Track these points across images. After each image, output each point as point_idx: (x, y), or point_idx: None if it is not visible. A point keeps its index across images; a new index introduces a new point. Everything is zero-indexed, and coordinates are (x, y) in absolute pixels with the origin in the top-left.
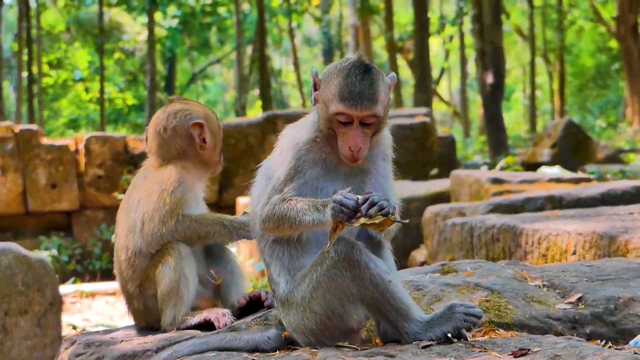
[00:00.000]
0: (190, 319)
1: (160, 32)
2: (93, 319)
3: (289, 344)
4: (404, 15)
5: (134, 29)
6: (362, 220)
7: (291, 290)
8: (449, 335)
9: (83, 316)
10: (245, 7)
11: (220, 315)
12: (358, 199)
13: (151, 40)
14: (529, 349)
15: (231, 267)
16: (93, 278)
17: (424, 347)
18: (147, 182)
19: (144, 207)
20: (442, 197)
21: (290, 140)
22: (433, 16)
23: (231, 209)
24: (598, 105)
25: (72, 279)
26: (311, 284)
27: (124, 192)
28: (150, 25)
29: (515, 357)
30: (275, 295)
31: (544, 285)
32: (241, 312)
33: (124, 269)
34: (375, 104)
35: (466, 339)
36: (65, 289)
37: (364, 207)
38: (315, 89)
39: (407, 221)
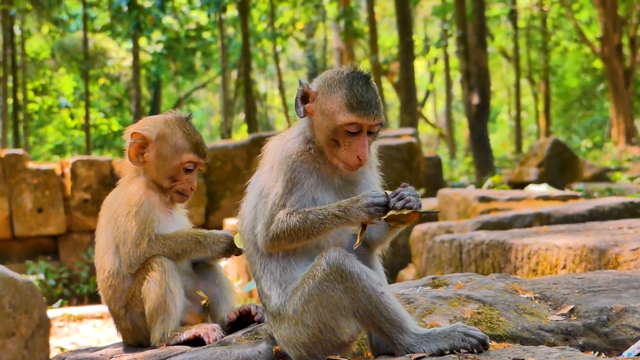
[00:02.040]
0: (180, 335)
1: (145, 57)
2: (81, 342)
3: (279, 358)
4: (388, 38)
5: (118, 54)
6: (391, 212)
7: (283, 304)
8: (446, 352)
9: (71, 339)
10: (230, 31)
11: (210, 330)
12: (387, 194)
13: (136, 65)
14: (523, 359)
15: (220, 282)
16: (80, 302)
17: (417, 359)
18: (116, 201)
19: (113, 229)
20: (429, 216)
21: (281, 153)
22: (417, 38)
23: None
24: (583, 126)
25: (60, 301)
26: (303, 297)
27: None
28: (135, 50)
29: None
30: (267, 309)
31: (535, 298)
32: (232, 327)
33: (104, 289)
34: (381, 111)
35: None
36: (52, 312)
37: (393, 200)
38: (305, 101)
39: (437, 211)
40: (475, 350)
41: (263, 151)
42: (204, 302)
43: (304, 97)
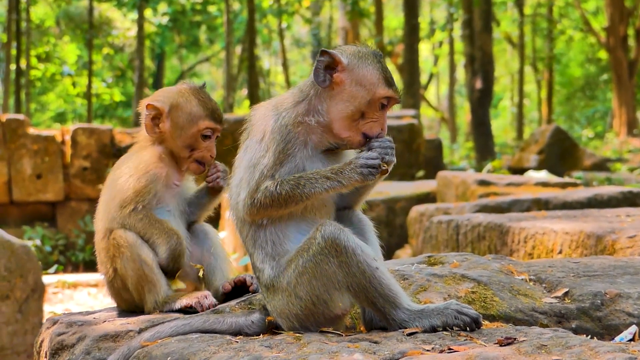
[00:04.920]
0: (172, 303)
1: (150, 28)
2: (75, 309)
3: (272, 328)
4: (394, 19)
5: (123, 24)
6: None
7: (276, 275)
8: (438, 329)
9: (65, 306)
10: (236, 6)
11: (201, 298)
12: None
13: (140, 36)
14: (515, 338)
15: (215, 251)
16: (76, 269)
17: (409, 334)
18: (124, 164)
19: (112, 188)
20: (428, 198)
21: (275, 122)
22: (423, 21)
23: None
24: (585, 116)
25: (55, 266)
26: (297, 269)
27: None
28: (140, 21)
29: (501, 345)
30: (260, 281)
31: (530, 280)
32: (226, 297)
33: (98, 251)
34: None
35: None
36: (47, 278)
37: (385, 157)
38: (331, 69)
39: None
40: (468, 328)
41: (250, 119)
42: (200, 272)
43: (329, 66)
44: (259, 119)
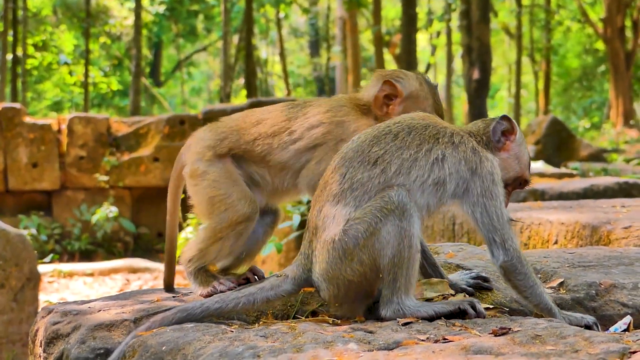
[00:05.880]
0: (196, 287)
1: (147, 17)
2: (70, 298)
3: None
4: (391, 9)
5: (120, 13)
6: None
7: (346, 232)
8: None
9: (60, 295)
10: None
11: (217, 285)
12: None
13: (138, 25)
14: (509, 328)
15: (264, 236)
16: (71, 258)
17: (404, 324)
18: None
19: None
20: None
21: (497, 171)
22: (421, 11)
23: None
24: (582, 106)
25: (51, 255)
26: (369, 230)
27: (105, 173)
28: (138, 10)
29: (495, 335)
30: (323, 236)
31: None
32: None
33: None
34: None
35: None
36: (43, 267)
37: None
38: (506, 135)
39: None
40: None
41: (440, 134)
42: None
43: (505, 132)
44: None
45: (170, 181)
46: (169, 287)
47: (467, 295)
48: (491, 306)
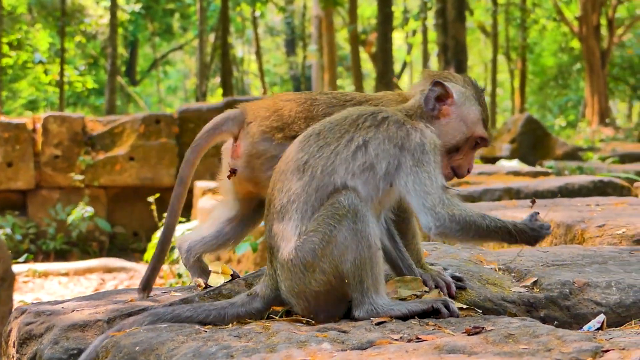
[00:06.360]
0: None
1: (122, 16)
2: (45, 298)
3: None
4: (367, 8)
5: (96, 12)
6: None
7: (300, 248)
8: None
9: (35, 295)
10: None
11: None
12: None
13: (113, 24)
14: (482, 328)
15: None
16: (47, 258)
17: (378, 323)
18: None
19: None
20: None
21: (429, 138)
22: (397, 10)
23: (188, 193)
24: (558, 105)
25: (25, 255)
26: (325, 239)
27: (80, 172)
28: (113, 8)
29: (469, 334)
30: (277, 256)
31: (499, 269)
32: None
33: None
34: None
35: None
36: (17, 267)
37: None
38: (441, 100)
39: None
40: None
41: (362, 120)
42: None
43: (440, 97)
44: (412, 129)
45: (191, 153)
46: (147, 286)
47: (441, 294)
48: (465, 306)
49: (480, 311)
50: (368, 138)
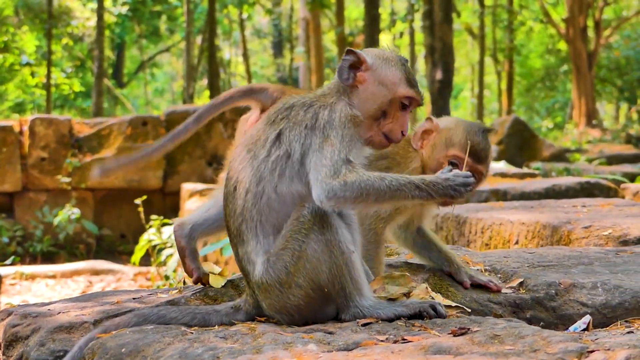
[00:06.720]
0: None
1: (109, 18)
2: (32, 301)
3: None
4: (354, 10)
5: (83, 14)
6: None
7: (272, 268)
8: (401, 318)
9: (22, 298)
10: None
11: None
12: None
13: (100, 26)
14: (468, 328)
15: None
16: (34, 260)
17: (364, 324)
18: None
19: None
20: None
21: (330, 114)
22: (384, 12)
23: (175, 195)
24: (545, 106)
25: (12, 257)
26: (294, 254)
27: (67, 175)
28: (100, 11)
29: (454, 335)
30: (250, 278)
31: (486, 270)
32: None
33: None
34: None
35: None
36: (4, 270)
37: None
38: (355, 68)
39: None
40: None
41: (275, 116)
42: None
43: (354, 65)
44: (300, 111)
45: (219, 100)
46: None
47: (429, 291)
48: (453, 304)
49: (470, 310)
50: (280, 129)
